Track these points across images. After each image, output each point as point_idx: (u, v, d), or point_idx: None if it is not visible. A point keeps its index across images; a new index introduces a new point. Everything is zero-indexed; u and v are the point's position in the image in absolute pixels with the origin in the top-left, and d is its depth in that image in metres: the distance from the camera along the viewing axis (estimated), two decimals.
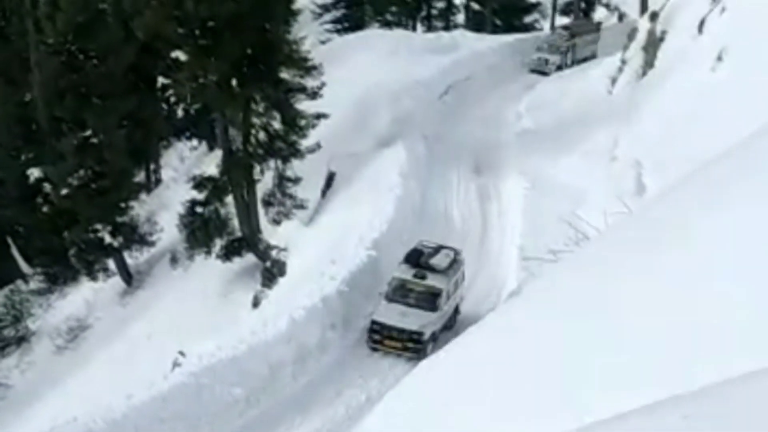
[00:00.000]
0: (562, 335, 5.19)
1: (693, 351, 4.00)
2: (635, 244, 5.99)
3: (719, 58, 31.53)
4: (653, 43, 40.76)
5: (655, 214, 6.61)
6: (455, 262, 28.79)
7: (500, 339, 6.31)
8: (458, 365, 6.38)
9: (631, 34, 45.72)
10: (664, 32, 39.97)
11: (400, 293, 27.89)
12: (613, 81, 43.84)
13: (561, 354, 4.89)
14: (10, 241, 51.63)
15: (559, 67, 51.54)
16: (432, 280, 27.80)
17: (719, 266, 4.51)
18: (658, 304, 4.56)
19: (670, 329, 4.27)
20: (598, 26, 55.49)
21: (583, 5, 69.10)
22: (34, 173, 43.89)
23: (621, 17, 66.40)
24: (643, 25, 44.61)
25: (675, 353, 4.06)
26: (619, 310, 4.93)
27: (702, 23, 35.27)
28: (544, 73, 50.90)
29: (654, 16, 42.74)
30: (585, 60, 52.65)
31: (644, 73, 40.87)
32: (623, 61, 44.23)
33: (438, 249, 28.87)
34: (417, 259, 28.31)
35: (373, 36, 55.75)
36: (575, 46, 52.82)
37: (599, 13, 69.94)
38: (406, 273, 28.09)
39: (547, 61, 51.49)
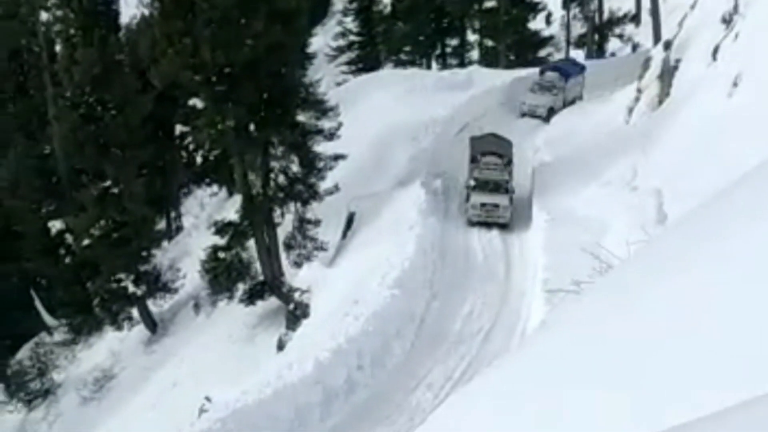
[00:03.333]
0: (588, 369, 5.14)
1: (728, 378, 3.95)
2: (659, 269, 5.95)
3: (735, 84, 31.50)
4: (668, 72, 40.77)
5: (676, 239, 6.57)
6: None
7: (526, 373, 6.25)
8: (489, 399, 6.33)
9: (646, 64, 45.77)
10: (678, 60, 39.98)
11: None
12: (630, 111, 43.81)
13: (588, 388, 4.85)
14: (33, 293, 51.84)
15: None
16: None
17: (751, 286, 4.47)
18: (687, 327, 4.52)
19: (703, 354, 4.22)
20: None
21: (596, 37, 69.34)
22: (56, 225, 44.20)
23: (635, 47, 66.58)
24: (658, 54, 44.67)
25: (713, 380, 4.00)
26: (645, 336, 4.88)
27: (716, 50, 35.28)
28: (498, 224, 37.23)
29: (668, 45, 42.80)
30: None
31: (660, 102, 40.83)
32: (639, 91, 44.22)
33: None
34: None
35: (388, 76, 56.00)
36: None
37: (613, 44, 70.18)
38: None
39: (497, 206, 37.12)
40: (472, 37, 68.83)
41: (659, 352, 4.53)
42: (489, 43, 66.96)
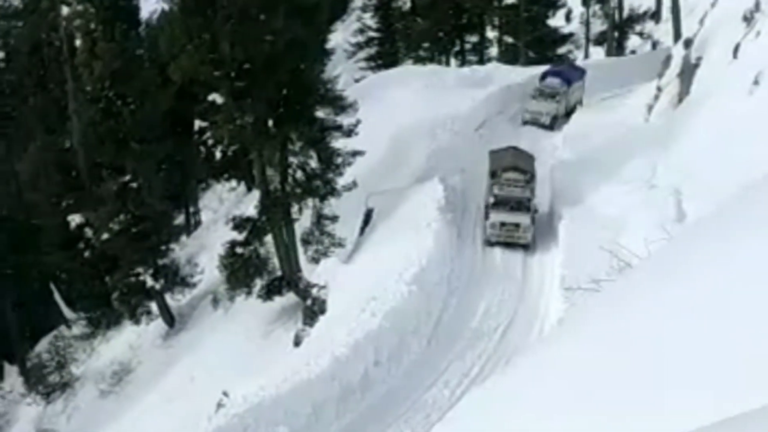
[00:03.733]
0: (607, 367, 5.13)
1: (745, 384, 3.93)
2: (680, 271, 5.93)
3: (756, 82, 31.36)
4: (688, 70, 40.59)
5: (697, 241, 6.55)
6: None
7: (544, 371, 6.25)
8: (505, 397, 6.33)
9: (666, 62, 45.58)
10: (698, 58, 39.82)
11: None
12: (650, 109, 43.63)
13: (607, 386, 4.84)
14: (52, 287, 52.11)
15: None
16: None
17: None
18: (707, 328, 4.50)
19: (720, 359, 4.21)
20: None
21: (616, 34, 69.06)
22: (75, 219, 44.33)
23: (655, 45, 66.29)
24: (678, 52, 44.48)
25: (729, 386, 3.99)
26: (665, 337, 4.86)
27: (737, 48, 35.10)
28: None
29: (688, 43, 42.62)
30: None
31: (680, 100, 40.66)
32: (659, 89, 44.04)
33: None
34: None
35: (408, 72, 55.92)
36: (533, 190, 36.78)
37: (633, 42, 69.90)
38: None
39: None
40: (491, 33, 68.58)
41: (679, 353, 4.52)
42: (509, 40, 66.75)
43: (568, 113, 47.43)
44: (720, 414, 3.48)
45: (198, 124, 47.08)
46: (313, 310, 34.78)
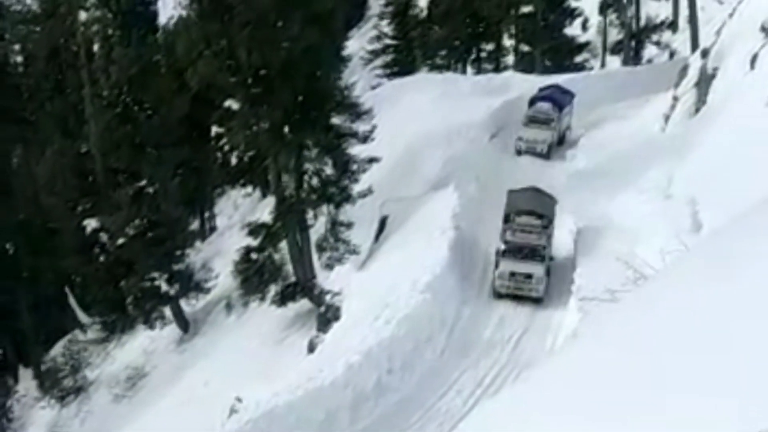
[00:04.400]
0: (622, 379, 5.11)
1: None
2: (697, 282, 5.91)
3: None
4: (705, 80, 40.48)
5: (715, 251, 6.52)
6: None
7: (557, 382, 6.23)
8: (518, 406, 6.32)
9: (683, 72, 45.45)
10: (715, 69, 39.70)
11: None
12: (666, 118, 43.50)
13: (622, 398, 4.82)
14: (68, 291, 52.28)
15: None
16: None
17: None
18: (725, 341, 4.48)
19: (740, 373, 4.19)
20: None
21: (633, 44, 68.95)
22: (91, 224, 44.50)
23: (672, 54, 66.16)
24: (695, 61, 44.36)
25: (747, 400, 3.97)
26: (682, 350, 4.85)
27: (754, 58, 34.99)
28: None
29: (705, 53, 42.50)
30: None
31: (697, 110, 40.55)
32: (675, 98, 43.91)
33: None
34: None
35: (424, 80, 55.95)
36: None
37: (650, 51, 69.77)
38: None
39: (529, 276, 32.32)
40: (507, 42, 68.54)
41: (692, 364, 4.51)
42: (525, 48, 66.71)
43: (560, 141, 45.39)
44: (732, 427, 3.47)
45: (214, 129, 47.26)
46: (327, 316, 34.78)
